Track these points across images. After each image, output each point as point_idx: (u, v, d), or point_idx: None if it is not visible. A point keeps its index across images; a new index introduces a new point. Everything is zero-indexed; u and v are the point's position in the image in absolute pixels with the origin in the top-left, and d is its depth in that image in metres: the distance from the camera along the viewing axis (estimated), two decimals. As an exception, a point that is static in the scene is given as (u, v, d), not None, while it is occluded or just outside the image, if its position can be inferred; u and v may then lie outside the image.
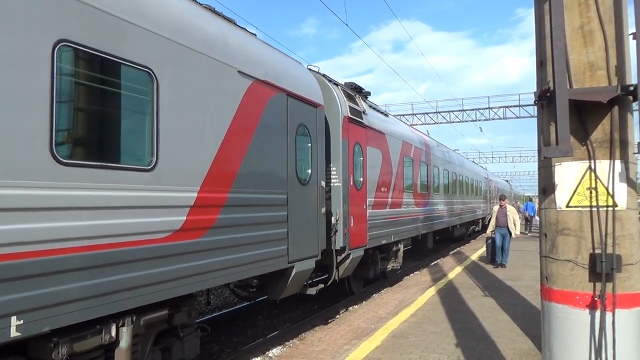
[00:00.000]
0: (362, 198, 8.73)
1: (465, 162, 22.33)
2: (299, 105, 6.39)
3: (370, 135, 9.53)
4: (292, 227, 6.09)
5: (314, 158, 6.78)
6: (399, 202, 11.55)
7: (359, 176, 8.80)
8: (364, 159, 9.06)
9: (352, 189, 8.22)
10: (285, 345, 6.36)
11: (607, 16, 2.55)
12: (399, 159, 11.81)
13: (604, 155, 2.94)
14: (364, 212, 8.84)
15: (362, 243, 8.59)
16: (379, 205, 9.89)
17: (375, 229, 9.51)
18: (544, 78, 2.79)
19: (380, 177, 10.14)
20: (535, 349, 5.07)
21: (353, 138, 8.41)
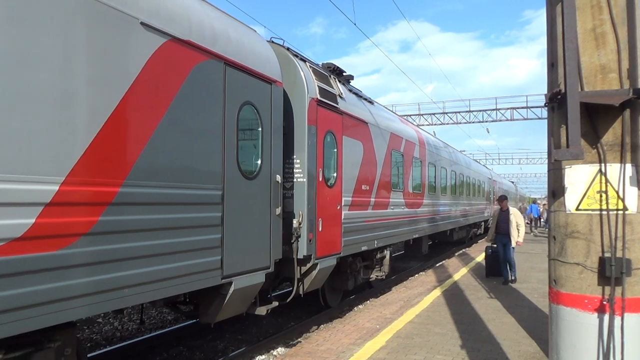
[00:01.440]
0: (335, 197, 7.83)
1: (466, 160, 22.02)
2: (244, 78, 5.59)
3: (348, 124, 8.48)
4: (229, 232, 5.22)
5: (266, 146, 5.97)
6: (384, 202, 10.40)
7: (331, 171, 7.80)
8: (339, 150, 8.05)
9: (321, 186, 7.33)
10: (290, 344, 6.47)
11: (619, 18, 2.54)
12: (386, 153, 10.60)
13: (614, 159, 3.05)
14: (338, 214, 7.88)
15: (334, 250, 7.73)
16: (359, 206, 8.88)
17: (353, 234, 8.53)
18: (555, 80, 2.78)
19: (361, 173, 9.09)
20: (541, 352, 5.10)
21: (324, 125, 7.51)
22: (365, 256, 9.64)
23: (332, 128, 7.81)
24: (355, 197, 8.68)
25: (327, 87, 7.67)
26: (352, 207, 8.52)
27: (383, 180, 10.26)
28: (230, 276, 5.31)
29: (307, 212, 6.92)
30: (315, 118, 7.14)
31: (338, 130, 8.06)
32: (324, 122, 7.46)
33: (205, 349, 7.14)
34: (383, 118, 10.76)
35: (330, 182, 7.70)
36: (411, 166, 12.70)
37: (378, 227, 9.77)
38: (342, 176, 8.05)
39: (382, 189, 10.23)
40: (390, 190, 10.75)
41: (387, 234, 10.47)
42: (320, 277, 7.31)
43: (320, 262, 7.18)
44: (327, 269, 7.50)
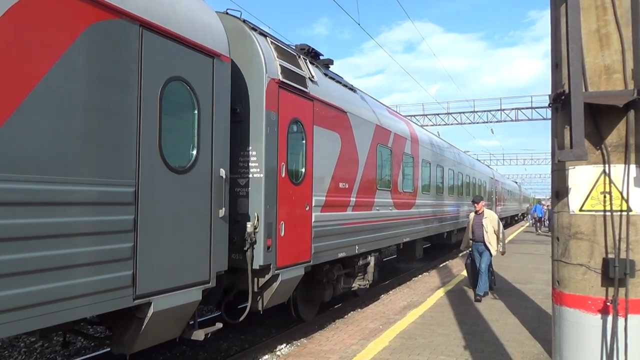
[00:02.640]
0: (303, 196, 7.12)
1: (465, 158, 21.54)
2: (172, 48, 4.70)
3: (321, 112, 7.68)
4: (146, 239, 4.31)
5: (205, 133, 5.13)
6: (368, 202, 9.54)
7: (297, 166, 7.09)
8: (308, 142, 7.31)
9: (284, 183, 6.61)
10: (293, 344, 6.55)
11: (624, 19, 2.55)
12: (370, 147, 9.76)
13: (618, 160, 3.16)
14: (306, 216, 7.17)
15: (302, 258, 7.02)
16: (335, 207, 8.09)
17: (328, 238, 7.76)
18: (559, 81, 2.79)
19: (338, 170, 8.28)
20: (544, 353, 5.12)
21: (288, 112, 6.75)
22: (346, 263, 8.97)
23: (299, 116, 7.01)
24: (330, 197, 7.90)
25: (292, 68, 6.92)
26: (326, 208, 7.73)
27: (366, 177, 9.45)
28: (147, 295, 4.38)
29: (265, 213, 6.17)
30: (276, 103, 6.41)
31: (307, 118, 7.25)
32: (288, 108, 6.69)
33: (208, 349, 7.20)
34: (367, 108, 9.91)
35: (297, 179, 6.99)
36: (401, 163, 11.73)
37: (360, 231, 9.02)
38: (313, 172, 7.32)
39: (365, 188, 9.41)
40: (375, 189, 9.95)
41: (372, 237, 9.66)
42: (283, 290, 6.65)
43: (282, 273, 6.51)
44: (292, 280, 6.79)
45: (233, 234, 5.92)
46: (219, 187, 5.30)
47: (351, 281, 9.40)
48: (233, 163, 6.04)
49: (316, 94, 7.51)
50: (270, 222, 6.23)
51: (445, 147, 17.16)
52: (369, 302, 10.50)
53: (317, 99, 7.53)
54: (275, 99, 6.40)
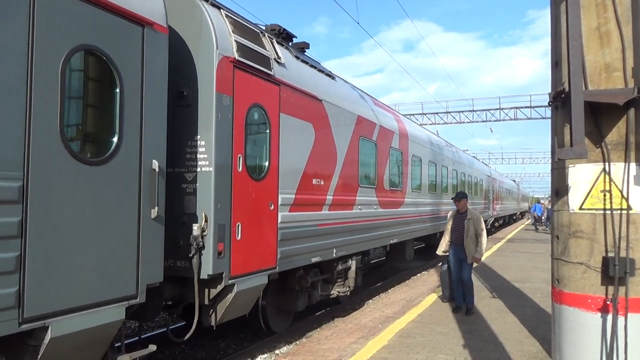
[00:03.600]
0: (267, 193, 6.51)
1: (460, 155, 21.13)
2: (79, 9, 4.01)
3: (290, 99, 7.10)
4: (38, 247, 3.66)
5: (131, 117, 4.47)
6: (348, 201, 8.89)
7: (259, 159, 6.50)
8: (273, 132, 6.70)
9: (241, 178, 5.98)
10: (292, 342, 6.48)
11: (624, 17, 2.55)
12: (351, 140, 9.11)
13: (619, 158, 3.24)
14: (270, 216, 6.56)
15: (265, 264, 6.42)
16: (308, 205, 7.51)
17: (298, 241, 7.19)
18: (559, 79, 2.79)
19: (311, 164, 7.66)
20: (543, 352, 5.14)
21: (247, 96, 6.12)
22: (323, 268, 8.47)
23: (261, 102, 6.40)
24: (301, 195, 7.32)
25: (253, 46, 6.32)
26: (296, 207, 7.14)
27: (346, 174, 8.86)
28: (41, 318, 3.66)
29: (215, 213, 5.51)
30: (230, 85, 5.78)
31: (272, 105, 6.65)
32: (246, 92, 6.08)
33: (207, 348, 7.20)
34: (347, 97, 9.27)
35: (259, 173, 6.41)
36: (388, 158, 11.01)
37: (338, 232, 8.45)
38: (279, 167, 6.78)
39: (345, 185, 8.83)
40: (357, 186, 9.32)
41: (353, 239, 9.07)
42: (241, 301, 6.11)
43: (239, 282, 5.90)
44: (251, 290, 6.22)
45: (179, 237, 5.47)
46: (150, 182, 4.60)
47: (329, 288, 8.80)
48: (179, 154, 5.62)
49: (284, 78, 6.91)
50: (223, 223, 5.59)
51: (438, 143, 16.68)
52: (368, 300, 10.51)
53: (285, 84, 6.93)
54: (230, 80, 5.75)
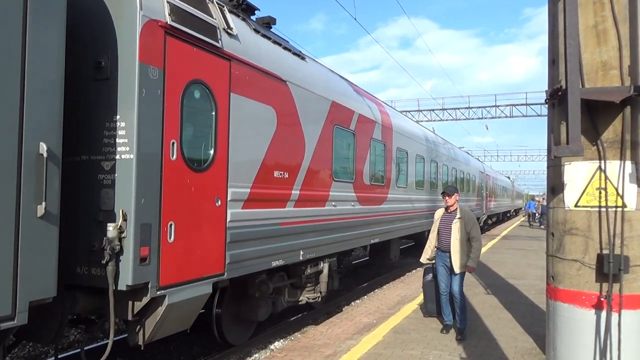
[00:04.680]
0: (212, 187, 5.79)
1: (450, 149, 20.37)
2: None
3: (244, 78, 6.35)
4: None
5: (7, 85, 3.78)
6: (319, 196, 8.23)
7: (202, 146, 5.76)
8: (221, 115, 5.93)
9: (175, 168, 5.27)
10: (288, 338, 6.54)
11: (621, 15, 2.58)
12: (324, 129, 8.32)
13: (614, 156, 3.33)
14: (217, 214, 5.87)
15: (210, 271, 5.76)
16: (267, 201, 6.80)
17: (254, 243, 6.54)
18: (556, 77, 2.82)
19: (272, 154, 6.91)
20: (537, 348, 5.21)
21: (184, 70, 5.40)
22: (291, 272, 8.02)
23: (204, 78, 5.66)
24: (258, 189, 6.63)
25: (194, 11, 5.58)
26: (251, 204, 6.46)
27: (317, 166, 8.14)
28: None
29: (138, 211, 4.79)
30: (160, 55, 5.04)
31: (220, 83, 5.91)
32: (183, 65, 5.38)
33: (202, 343, 7.16)
34: (319, 80, 8.53)
35: (200, 163, 5.69)
36: (368, 151, 10.42)
37: (306, 232, 7.80)
38: (229, 156, 6.09)
39: (316, 179, 8.13)
40: (330, 181, 8.63)
41: (325, 240, 8.42)
42: (176, 316, 5.44)
43: (171, 293, 5.23)
44: (190, 302, 5.55)
45: (93, 239, 4.81)
46: (34, 171, 3.94)
47: (298, 293, 8.24)
48: (96, 139, 4.99)
49: (237, 52, 6.21)
50: (147, 222, 4.87)
51: (427, 136, 16.02)
52: (363, 296, 10.56)
53: (237, 59, 6.21)
54: (159, 49, 5.01)
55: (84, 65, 4.81)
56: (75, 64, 4.89)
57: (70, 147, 4.83)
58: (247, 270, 6.32)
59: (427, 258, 7.50)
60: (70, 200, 4.82)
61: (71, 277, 4.79)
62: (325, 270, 8.43)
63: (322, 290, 8.44)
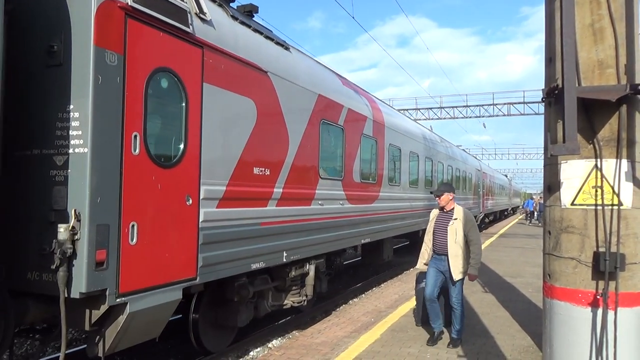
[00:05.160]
0: (182, 184, 5.36)
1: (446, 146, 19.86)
2: None
3: (219, 67, 5.93)
4: None
5: None
6: (304, 195, 7.79)
7: (170, 140, 5.36)
8: (192, 106, 5.48)
9: (139, 163, 4.87)
10: (285, 336, 6.52)
11: (618, 14, 2.59)
12: (309, 123, 7.88)
13: (610, 154, 3.39)
14: (188, 213, 5.43)
15: (181, 275, 5.33)
16: (245, 200, 6.37)
17: (231, 244, 6.10)
18: (553, 75, 2.83)
19: (251, 149, 6.49)
20: (534, 346, 5.25)
21: (150, 57, 4.99)
22: (274, 274, 7.68)
23: (172, 65, 5.24)
24: (236, 187, 6.22)
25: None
26: (227, 202, 6.02)
27: (302, 163, 7.71)
28: None
29: (93, 210, 4.40)
30: (120, 39, 4.63)
31: (191, 71, 5.49)
32: (148, 51, 4.94)
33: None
34: (304, 72, 8.09)
35: (169, 158, 5.28)
36: (359, 147, 9.98)
37: (290, 232, 7.39)
38: (202, 150, 5.65)
39: (301, 177, 7.68)
40: (317, 178, 8.17)
41: (311, 240, 8.00)
42: (141, 324, 5.04)
43: (134, 301, 4.81)
44: (157, 310, 5.14)
45: (44, 242, 4.43)
46: None
47: (282, 297, 7.88)
48: (48, 131, 4.61)
49: (211, 39, 5.79)
50: (105, 223, 4.47)
51: (421, 133, 15.63)
52: (361, 294, 10.58)
53: (212, 47, 5.79)
54: (119, 32, 4.60)
55: (35, 50, 4.46)
56: (26, 48, 4.59)
57: (21, 140, 4.56)
58: (224, 274, 5.92)
59: (425, 263, 6.71)
60: (21, 198, 4.53)
61: (22, 284, 4.42)
62: (311, 272, 8.05)
63: (308, 294, 8.05)
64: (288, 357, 6.23)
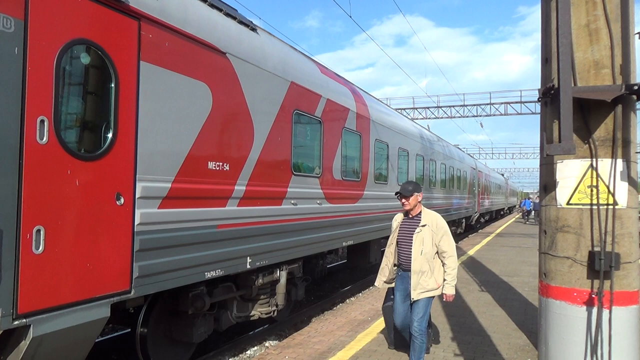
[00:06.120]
0: (110, 180, 4.53)
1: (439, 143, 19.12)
2: None
3: (162, 44, 5.11)
4: None
5: None
6: (273, 193, 6.95)
7: (95, 127, 4.54)
8: (124, 87, 4.67)
9: (47, 154, 4.02)
10: (282, 335, 6.40)
11: (613, 15, 2.61)
12: (279, 114, 7.10)
13: (606, 154, 3.40)
14: (118, 215, 4.59)
15: (108, 288, 4.50)
16: (198, 199, 5.55)
17: (177, 250, 5.22)
18: (549, 75, 2.85)
19: (205, 140, 5.65)
20: (530, 344, 5.26)
21: (63, 27, 4.14)
22: (240, 282, 6.91)
23: (95, 38, 4.44)
24: (184, 183, 5.38)
25: None
26: (174, 201, 5.21)
27: (270, 157, 6.89)
28: None
29: None
30: (19, 1, 3.79)
31: (122, 46, 4.63)
32: (60, 19, 4.13)
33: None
34: (273, 56, 7.24)
35: (92, 149, 4.45)
36: (339, 141, 9.18)
37: (256, 235, 6.56)
38: (139, 140, 4.84)
39: (268, 172, 6.88)
40: (289, 174, 7.34)
41: (281, 244, 7.15)
42: (50, 351, 4.18)
43: (39, 322, 3.95)
44: (74, 332, 4.30)
45: None
46: None
47: (248, 307, 6.98)
48: None
49: (150, 11, 4.98)
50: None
51: (412, 129, 14.80)
52: (358, 293, 10.59)
53: (151, 19, 4.98)
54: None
55: None
56: None
57: None
58: (169, 285, 5.05)
59: (385, 281, 5.60)
60: None
61: None
62: (282, 279, 7.21)
63: (279, 303, 7.23)
64: (285, 356, 6.20)
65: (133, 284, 4.63)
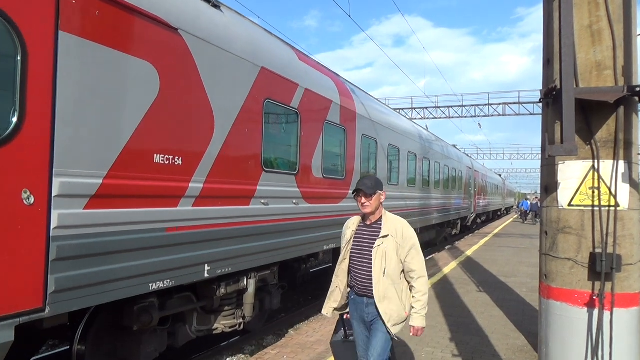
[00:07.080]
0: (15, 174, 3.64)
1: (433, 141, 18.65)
2: None
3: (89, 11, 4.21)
4: None
5: None
6: (238, 191, 6.23)
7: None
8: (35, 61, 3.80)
9: None
10: (280, 335, 6.38)
11: (616, 15, 2.59)
12: (247, 102, 6.32)
13: (607, 155, 3.36)
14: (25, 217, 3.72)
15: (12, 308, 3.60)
16: (139, 198, 4.74)
17: (110, 259, 4.44)
18: (551, 76, 2.83)
19: (150, 129, 4.84)
20: (529, 345, 5.26)
21: None
22: (201, 292, 6.16)
23: None
24: (120, 179, 4.58)
25: None
26: (105, 201, 4.39)
27: (234, 151, 6.16)
28: None
29: None
30: None
31: (32, 12, 3.76)
32: None
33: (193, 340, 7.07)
34: (240, 37, 6.47)
35: None
36: (320, 135, 8.35)
37: (216, 239, 5.78)
38: (57, 127, 4.01)
39: (233, 168, 6.14)
40: (259, 170, 6.60)
41: (248, 249, 6.37)
42: None
43: None
44: None
45: None
46: None
47: (211, 320, 6.31)
48: None
49: None
50: None
51: (402, 125, 13.98)
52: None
53: None
54: None
55: None
56: None
57: None
58: (99, 300, 4.25)
59: (335, 308, 4.24)
60: None
61: None
62: (250, 288, 6.39)
63: (247, 314, 6.42)
64: (283, 355, 6.16)
65: (48, 300, 3.80)
